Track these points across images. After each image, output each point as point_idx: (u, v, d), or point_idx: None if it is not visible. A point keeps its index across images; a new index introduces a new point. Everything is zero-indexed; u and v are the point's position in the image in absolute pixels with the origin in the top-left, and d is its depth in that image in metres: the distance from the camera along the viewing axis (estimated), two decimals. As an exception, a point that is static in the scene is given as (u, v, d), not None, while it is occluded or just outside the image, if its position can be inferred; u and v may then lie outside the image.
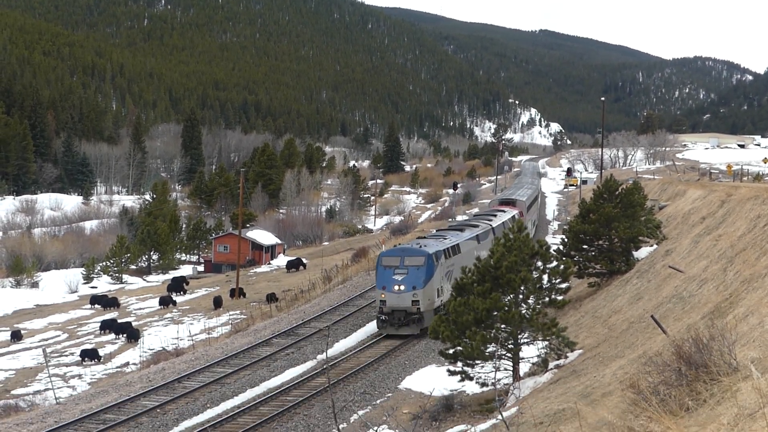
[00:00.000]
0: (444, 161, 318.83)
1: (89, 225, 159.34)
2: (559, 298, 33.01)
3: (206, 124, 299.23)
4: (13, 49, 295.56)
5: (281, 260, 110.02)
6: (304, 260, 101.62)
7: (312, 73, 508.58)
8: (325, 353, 42.78)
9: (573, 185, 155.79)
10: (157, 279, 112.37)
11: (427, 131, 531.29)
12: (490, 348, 30.68)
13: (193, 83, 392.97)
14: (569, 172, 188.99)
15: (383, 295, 48.09)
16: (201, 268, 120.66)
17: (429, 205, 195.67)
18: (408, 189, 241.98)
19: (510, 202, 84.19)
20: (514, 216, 69.95)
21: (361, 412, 35.48)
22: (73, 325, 75.70)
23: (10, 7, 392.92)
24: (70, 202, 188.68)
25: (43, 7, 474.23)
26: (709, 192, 49.42)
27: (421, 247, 50.05)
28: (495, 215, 70.62)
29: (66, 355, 61.08)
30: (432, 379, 37.12)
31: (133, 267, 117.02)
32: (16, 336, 69.46)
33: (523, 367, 32.84)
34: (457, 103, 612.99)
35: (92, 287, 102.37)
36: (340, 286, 70.31)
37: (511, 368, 32.25)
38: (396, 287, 47.70)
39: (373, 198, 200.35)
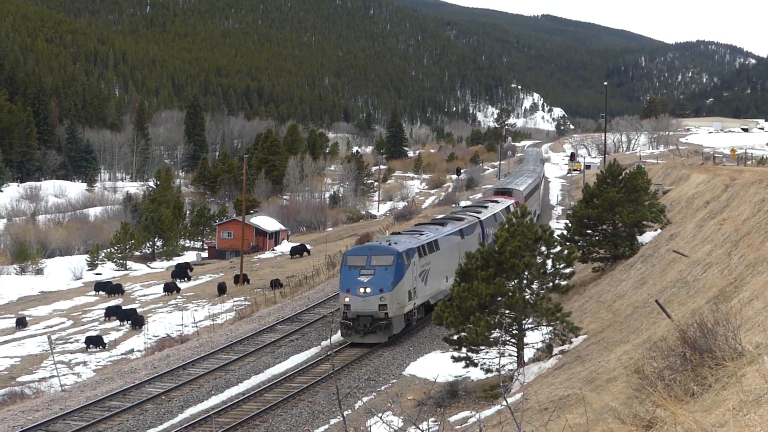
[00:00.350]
0: (447, 147, 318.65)
1: (93, 212, 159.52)
2: (563, 283, 33.00)
3: (209, 110, 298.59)
4: (15, 36, 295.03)
5: (285, 246, 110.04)
6: (308, 246, 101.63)
7: (314, 59, 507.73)
8: (329, 339, 42.62)
9: (576, 170, 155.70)
10: (161, 265, 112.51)
11: (429, 117, 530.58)
12: (495, 334, 30.68)
13: (195, 70, 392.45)
14: (572, 157, 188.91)
15: (347, 299, 43.60)
16: (205, 254, 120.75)
17: (432, 191, 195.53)
18: (411, 175, 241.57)
19: (506, 192, 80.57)
20: (508, 207, 66.85)
21: (365, 399, 35.55)
22: (78, 312, 75.85)
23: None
24: (74, 189, 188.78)
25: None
26: (713, 176, 49.34)
27: (390, 244, 45.73)
28: (486, 206, 66.53)
29: (71, 342, 61.23)
30: (436, 366, 37.09)
31: (138, 253, 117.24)
32: (21, 323, 69.63)
33: (528, 353, 32.85)
34: (460, 88, 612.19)
35: (97, 274, 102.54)
36: (343, 272, 70.18)
37: (516, 354, 32.25)
38: (361, 290, 43.32)
39: (376, 184, 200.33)
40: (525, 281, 31.81)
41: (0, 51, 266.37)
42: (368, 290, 43.21)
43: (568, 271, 33.43)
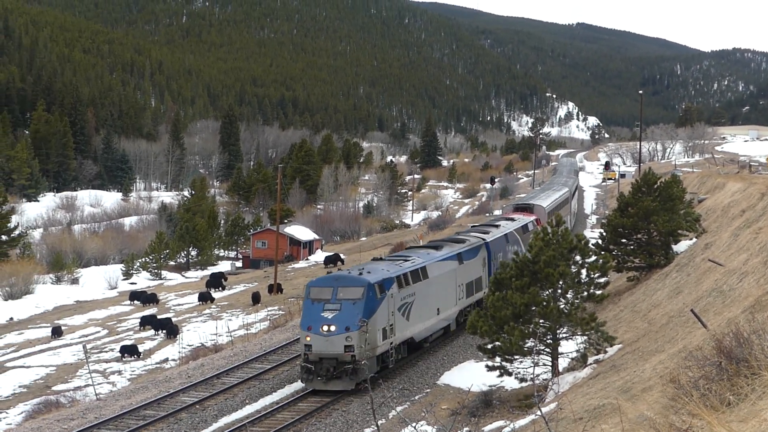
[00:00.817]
0: (481, 156, 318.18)
1: (128, 221, 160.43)
2: (598, 292, 32.85)
3: (244, 120, 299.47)
4: (53, 46, 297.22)
5: (319, 256, 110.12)
6: (342, 256, 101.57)
7: (349, 68, 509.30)
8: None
9: (611, 179, 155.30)
10: (195, 275, 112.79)
11: (464, 126, 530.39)
12: (529, 343, 30.59)
13: (231, 80, 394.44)
14: (607, 165, 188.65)
15: (308, 338, 37.47)
16: (239, 263, 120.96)
17: (467, 200, 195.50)
18: (445, 184, 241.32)
19: (526, 208, 74.10)
20: (526, 225, 62.28)
21: (399, 408, 35.42)
22: (113, 321, 76.13)
23: (51, 6, 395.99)
24: (110, 199, 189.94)
25: (83, 5, 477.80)
26: (749, 184, 49.05)
27: (361, 273, 39.42)
28: (497, 226, 60.03)
29: (106, 351, 61.42)
30: (470, 375, 37.01)
31: (172, 263, 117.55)
32: (57, 332, 69.95)
33: (562, 363, 32.73)
34: (494, 97, 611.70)
35: (131, 283, 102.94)
36: (377, 282, 69.98)
37: (550, 363, 32.13)
38: (324, 328, 37.24)
39: (410, 193, 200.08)
40: (559, 291, 31.71)
41: (38, 61, 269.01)
42: (332, 328, 37.29)
43: (602, 280, 33.20)
